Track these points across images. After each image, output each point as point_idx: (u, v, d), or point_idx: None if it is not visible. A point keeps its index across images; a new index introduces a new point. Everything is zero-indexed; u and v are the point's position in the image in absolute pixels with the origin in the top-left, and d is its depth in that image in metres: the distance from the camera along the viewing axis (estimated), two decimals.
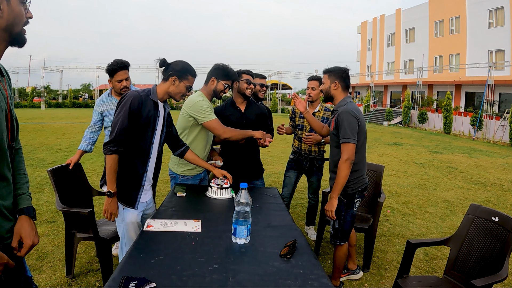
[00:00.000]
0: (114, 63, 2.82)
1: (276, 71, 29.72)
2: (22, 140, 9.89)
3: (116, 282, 1.31)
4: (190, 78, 2.12)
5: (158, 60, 2.12)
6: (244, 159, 2.90)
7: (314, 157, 3.41)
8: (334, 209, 2.35)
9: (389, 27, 28.11)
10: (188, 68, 2.12)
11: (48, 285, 2.54)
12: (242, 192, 1.74)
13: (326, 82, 2.49)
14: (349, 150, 2.28)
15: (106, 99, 2.97)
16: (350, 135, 2.28)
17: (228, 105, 2.87)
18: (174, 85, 2.08)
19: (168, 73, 2.08)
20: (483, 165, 8.27)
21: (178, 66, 2.09)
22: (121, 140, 1.96)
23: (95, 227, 2.42)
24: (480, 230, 2.17)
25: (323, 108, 3.37)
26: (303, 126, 3.39)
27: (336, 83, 2.44)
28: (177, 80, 2.07)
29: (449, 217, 4.43)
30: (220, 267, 1.48)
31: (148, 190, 2.21)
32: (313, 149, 3.39)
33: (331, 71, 2.48)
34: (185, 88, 2.11)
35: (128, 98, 1.98)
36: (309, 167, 3.45)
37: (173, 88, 2.09)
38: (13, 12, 1.15)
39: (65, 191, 2.64)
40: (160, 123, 2.12)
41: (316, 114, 3.32)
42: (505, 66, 18.06)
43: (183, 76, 2.09)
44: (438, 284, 2.18)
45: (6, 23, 1.15)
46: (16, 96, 30.57)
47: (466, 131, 15.64)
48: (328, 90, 2.48)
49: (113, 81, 2.86)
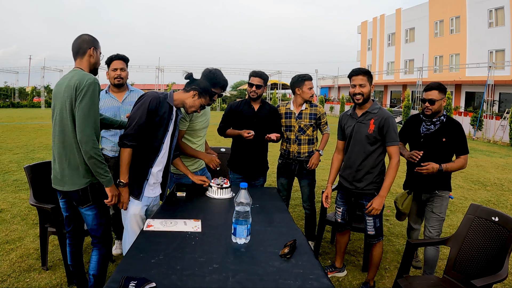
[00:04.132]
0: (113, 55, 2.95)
1: (276, 71, 29.72)
2: (22, 140, 9.93)
3: (116, 282, 1.31)
4: (207, 99, 2.32)
5: (185, 73, 2.35)
6: (253, 155, 3.06)
7: (303, 159, 3.20)
8: (381, 208, 2.47)
9: (389, 27, 28.11)
10: (209, 91, 2.31)
11: (48, 285, 2.54)
12: (242, 192, 1.74)
13: (367, 85, 2.45)
14: (397, 152, 2.46)
15: (103, 95, 2.93)
16: (396, 138, 2.45)
17: (244, 103, 3.11)
18: (193, 99, 2.26)
19: (191, 86, 2.27)
20: (483, 165, 8.27)
21: (202, 84, 2.29)
22: (137, 135, 2.10)
23: (58, 222, 2.56)
24: (480, 230, 2.17)
25: (309, 105, 3.21)
26: (291, 126, 3.19)
27: (372, 86, 2.51)
28: (197, 95, 2.26)
29: (449, 217, 4.43)
30: (220, 267, 1.48)
31: (155, 187, 2.31)
32: (302, 151, 3.19)
33: (369, 73, 2.48)
34: (200, 105, 2.29)
35: (148, 97, 2.15)
36: (299, 169, 3.23)
37: (190, 101, 2.26)
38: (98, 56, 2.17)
39: (42, 187, 2.77)
40: (171, 125, 2.27)
41: (303, 111, 3.16)
42: (505, 66, 18.05)
43: (203, 94, 2.28)
44: (438, 284, 2.18)
45: (95, 61, 2.15)
46: (16, 96, 30.58)
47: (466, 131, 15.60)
48: (369, 93, 2.48)
49: (109, 70, 2.92)
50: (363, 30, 32.14)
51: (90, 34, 2.16)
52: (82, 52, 2.09)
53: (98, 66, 2.21)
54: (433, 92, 2.63)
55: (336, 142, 2.76)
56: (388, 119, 2.44)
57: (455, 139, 2.63)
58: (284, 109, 3.24)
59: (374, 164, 2.51)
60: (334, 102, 29.81)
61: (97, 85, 2.00)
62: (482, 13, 19.81)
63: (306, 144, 3.19)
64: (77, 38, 2.12)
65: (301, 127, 3.16)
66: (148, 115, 2.12)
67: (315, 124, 3.21)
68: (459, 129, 2.64)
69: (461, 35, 21.35)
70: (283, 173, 3.32)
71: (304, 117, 3.16)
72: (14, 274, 2.66)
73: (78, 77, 1.97)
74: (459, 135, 2.63)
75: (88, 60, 2.11)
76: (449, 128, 2.65)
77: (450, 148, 2.67)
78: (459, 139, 2.63)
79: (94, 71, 2.17)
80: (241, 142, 3.02)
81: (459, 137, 2.63)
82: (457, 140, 2.63)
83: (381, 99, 28.80)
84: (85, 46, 2.09)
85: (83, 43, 2.09)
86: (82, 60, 2.10)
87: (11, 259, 2.88)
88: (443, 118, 2.69)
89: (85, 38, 2.12)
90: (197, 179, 2.57)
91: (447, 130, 2.65)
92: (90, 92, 1.94)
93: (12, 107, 27.28)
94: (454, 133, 2.64)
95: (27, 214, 3.94)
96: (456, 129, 2.64)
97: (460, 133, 2.64)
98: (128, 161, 2.11)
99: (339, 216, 2.75)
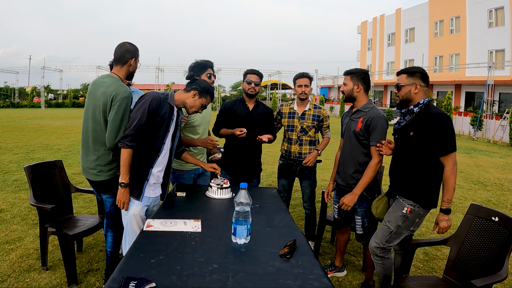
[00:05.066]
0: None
1: (276, 71, 29.71)
2: (22, 140, 9.92)
3: (116, 282, 1.31)
4: (208, 98, 2.32)
5: (187, 73, 2.45)
6: (245, 156, 3.03)
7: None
8: (352, 205, 2.48)
9: (389, 27, 28.12)
10: (210, 90, 2.32)
11: (48, 285, 2.54)
12: (242, 192, 1.74)
13: (349, 84, 2.54)
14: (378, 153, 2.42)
15: None
16: (380, 139, 2.42)
17: (238, 102, 3.08)
18: (193, 99, 2.27)
19: (192, 86, 2.28)
20: (483, 165, 8.27)
21: (202, 84, 2.30)
22: (138, 135, 2.11)
23: (58, 222, 2.59)
24: (480, 230, 2.17)
25: (313, 106, 3.20)
26: (293, 127, 3.17)
27: (359, 85, 2.52)
28: (197, 95, 2.26)
29: None
30: (220, 267, 1.48)
31: (155, 188, 2.31)
32: (303, 151, 3.17)
33: (354, 73, 2.53)
34: (201, 105, 2.29)
35: (148, 98, 2.15)
36: (300, 170, 3.20)
37: (191, 101, 2.27)
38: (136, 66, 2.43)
39: (42, 187, 2.83)
40: (172, 126, 2.27)
41: (306, 112, 3.16)
42: (505, 66, 18.06)
43: (204, 94, 2.28)
44: (438, 284, 2.18)
45: (133, 70, 2.41)
46: (16, 96, 30.58)
47: (466, 131, 15.64)
48: (351, 91, 2.53)
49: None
50: (363, 30, 32.14)
51: (132, 43, 2.39)
52: (123, 61, 2.34)
53: (134, 73, 2.49)
54: (401, 77, 2.23)
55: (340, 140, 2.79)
56: (376, 119, 2.42)
57: (429, 133, 2.06)
58: (288, 108, 3.24)
59: (363, 163, 2.51)
60: (334, 102, 29.81)
61: (130, 99, 2.27)
62: (482, 13, 19.82)
63: (307, 145, 3.18)
64: (120, 45, 2.35)
65: (303, 127, 3.15)
66: (149, 115, 2.12)
67: (317, 126, 3.20)
68: (434, 121, 2.06)
69: (461, 35, 21.35)
70: (284, 174, 3.30)
71: (307, 118, 3.15)
72: (14, 274, 2.66)
73: (115, 87, 2.22)
74: (434, 129, 2.06)
75: (127, 69, 2.38)
76: (420, 120, 2.13)
77: (422, 145, 2.11)
78: (435, 133, 2.05)
79: (129, 76, 2.47)
80: (234, 143, 3.01)
81: (434, 131, 2.05)
82: (432, 134, 2.05)
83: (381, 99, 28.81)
84: (128, 57, 2.34)
85: (126, 53, 2.34)
86: (122, 68, 2.35)
87: (11, 259, 2.88)
88: (416, 109, 2.16)
89: (128, 48, 2.35)
90: (209, 166, 2.60)
91: (418, 122, 2.14)
92: (124, 106, 2.22)
93: (12, 107, 27.26)
94: (426, 126, 2.08)
95: (27, 214, 3.94)
96: (430, 121, 2.07)
97: (437, 126, 2.05)
98: (129, 161, 2.11)
99: (335, 212, 2.79)
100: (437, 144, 2.04)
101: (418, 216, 2.17)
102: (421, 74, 2.19)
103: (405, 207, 2.16)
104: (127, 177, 2.13)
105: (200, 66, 2.74)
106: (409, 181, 2.18)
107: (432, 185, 2.14)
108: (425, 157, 2.11)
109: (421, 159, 2.13)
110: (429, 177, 2.12)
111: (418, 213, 2.16)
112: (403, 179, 2.21)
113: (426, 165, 2.12)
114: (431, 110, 2.12)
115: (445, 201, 2.07)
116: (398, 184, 2.26)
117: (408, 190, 2.18)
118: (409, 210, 2.15)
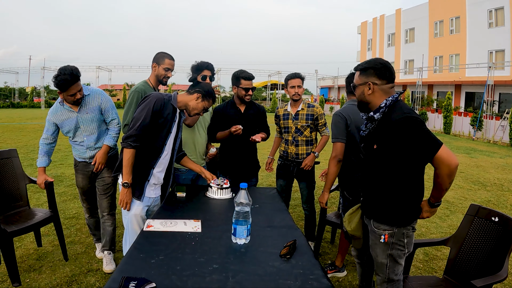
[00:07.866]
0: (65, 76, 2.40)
1: (276, 71, 29.72)
2: (22, 140, 9.91)
3: (116, 282, 1.31)
4: (211, 102, 2.33)
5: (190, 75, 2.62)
6: (242, 157, 3.03)
7: (301, 161, 3.14)
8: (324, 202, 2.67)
9: (389, 27, 28.11)
10: (213, 93, 2.34)
11: (48, 285, 2.54)
12: (242, 192, 1.74)
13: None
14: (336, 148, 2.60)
15: (59, 108, 2.69)
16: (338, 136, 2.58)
17: (230, 105, 3.05)
18: (196, 101, 2.28)
19: (195, 88, 2.29)
20: (483, 165, 8.27)
21: (206, 87, 2.31)
22: (141, 136, 2.12)
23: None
24: (480, 230, 2.17)
25: (307, 105, 3.16)
26: (288, 128, 3.16)
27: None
28: (200, 98, 2.27)
29: (449, 217, 4.43)
30: (220, 267, 1.48)
31: (156, 188, 2.32)
32: (300, 152, 3.13)
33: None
34: (203, 108, 2.31)
35: (152, 98, 2.16)
36: (298, 171, 3.17)
37: (194, 103, 2.28)
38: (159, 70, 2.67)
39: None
40: (175, 127, 2.28)
41: (300, 112, 3.12)
42: (505, 66, 18.05)
43: (206, 97, 2.29)
44: (438, 284, 2.18)
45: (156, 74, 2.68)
46: (16, 96, 30.56)
47: (466, 131, 15.63)
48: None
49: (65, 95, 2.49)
50: (363, 31, 32.14)
51: (162, 51, 2.69)
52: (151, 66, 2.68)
53: (160, 78, 2.68)
54: (356, 74, 1.85)
55: None
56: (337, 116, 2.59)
57: (395, 145, 1.66)
58: (282, 110, 3.23)
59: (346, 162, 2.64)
60: (334, 102, 29.80)
61: (136, 93, 2.55)
62: (482, 13, 19.81)
63: (304, 145, 3.15)
64: None
65: (298, 128, 3.12)
66: (153, 116, 2.12)
67: (312, 125, 3.15)
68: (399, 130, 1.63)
69: (461, 35, 21.35)
70: (282, 175, 3.29)
71: (301, 118, 3.12)
72: None
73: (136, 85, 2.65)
74: (401, 139, 1.63)
75: (153, 74, 2.69)
76: (383, 130, 1.72)
77: (388, 159, 1.72)
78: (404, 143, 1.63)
79: (161, 81, 2.70)
80: (229, 145, 3.00)
81: (402, 142, 1.64)
82: (400, 146, 1.65)
83: None
84: (152, 62, 2.66)
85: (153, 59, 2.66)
86: (151, 73, 2.71)
87: None
88: (377, 115, 1.74)
89: (155, 55, 2.67)
90: (209, 175, 2.52)
91: (380, 133, 1.74)
92: (130, 98, 2.57)
93: (12, 107, 27.27)
94: (390, 137, 1.67)
95: None
96: (394, 131, 1.64)
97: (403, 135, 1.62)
98: (131, 162, 2.11)
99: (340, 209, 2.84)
100: (415, 153, 1.64)
101: (403, 236, 1.80)
102: (374, 69, 1.75)
103: (382, 235, 1.79)
104: (130, 177, 2.12)
105: (196, 67, 2.80)
106: (379, 201, 1.81)
107: (406, 203, 1.77)
108: (394, 172, 1.73)
109: (389, 175, 1.74)
110: (401, 195, 1.75)
111: (400, 233, 1.79)
112: (373, 198, 1.85)
113: (396, 182, 1.73)
114: (393, 115, 1.68)
115: (434, 197, 1.78)
116: (368, 203, 1.89)
117: (380, 212, 1.81)
118: (387, 237, 1.79)
